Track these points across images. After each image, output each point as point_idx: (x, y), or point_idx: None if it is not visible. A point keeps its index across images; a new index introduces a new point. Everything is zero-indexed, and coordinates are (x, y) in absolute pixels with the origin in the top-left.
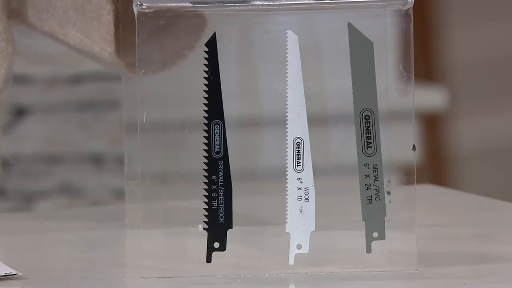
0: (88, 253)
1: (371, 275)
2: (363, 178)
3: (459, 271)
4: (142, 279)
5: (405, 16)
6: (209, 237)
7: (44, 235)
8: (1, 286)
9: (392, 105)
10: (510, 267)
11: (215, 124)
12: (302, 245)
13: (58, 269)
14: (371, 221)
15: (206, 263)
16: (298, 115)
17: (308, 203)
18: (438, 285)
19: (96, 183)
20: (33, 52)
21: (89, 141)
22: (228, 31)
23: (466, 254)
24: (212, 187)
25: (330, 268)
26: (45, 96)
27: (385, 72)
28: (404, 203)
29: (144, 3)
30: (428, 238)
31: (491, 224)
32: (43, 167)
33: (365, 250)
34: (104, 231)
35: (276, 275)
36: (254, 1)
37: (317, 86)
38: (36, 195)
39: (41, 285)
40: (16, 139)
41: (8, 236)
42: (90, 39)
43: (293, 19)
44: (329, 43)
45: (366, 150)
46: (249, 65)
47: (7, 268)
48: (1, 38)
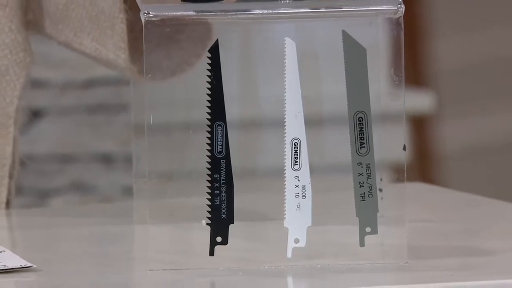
0: (99, 246)
1: (364, 267)
2: (357, 176)
3: (447, 264)
4: (149, 271)
5: (396, 24)
6: (212, 231)
7: (58, 229)
8: (17, 278)
9: (384, 108)
10: (495, 260)
11: (217, 125)
12: (299, 239)
13: (70, 261)
14: (364, 217)
15: (209, 256)
16: (295, 117)
17: (305, 200)
18: (427, 277)
19: (106, 181)
20: (47, 58)
21: (100, 142)
22: (230, 38)
23: (453, 248)
24: (215, 185)
25: (326, 261)
26: (59, 99)
27: (377, 76)
28: (395, 200)
29: (151, 12)
30: (417, 232)
31: (476, 220)
32: (57, 166)
33: (358, 244)
34: (113, 226)
35: (275, 267)
36: (254, 10)
37: (313, 89)
38: (50, 192)
39: (54, 277)
40: (32, 140)
41: (23, 231)
42: (104, 47)
43: (291, 27)
44: (324, 50)
45: (360, 150)
46: (249, 70)
47: (22, 260)
48: (20, 48)
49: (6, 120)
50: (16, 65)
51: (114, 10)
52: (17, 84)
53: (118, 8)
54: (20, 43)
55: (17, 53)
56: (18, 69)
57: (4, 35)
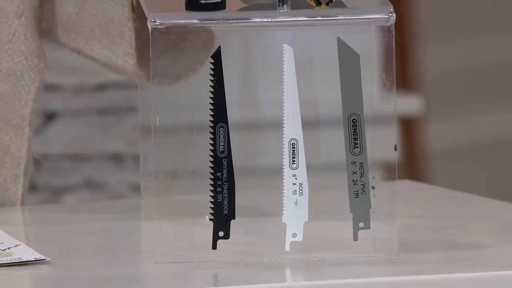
0: (108, 240)
1: (358, 260)
2: (351, 175)
3: (435, 257)
4: (156, 264)
5: (388, 32)
6: (215, 226)
7: (70, 225)
8: (31, 270)
9: (376, 110)
10: (479, 253)
11: (220, 127)
12: (297, 233)
13: (81, 255)
14: (357, 213)
15: (212, 250)
16: (293, 119)
17: (302, 196)
18: (416, 269)
19: (116, 179)
20: (61, 64)
21: (110, 142)
22: (231, 45)
23: (441, 242)
24: (217, 183)
25: (322, 254)
26: (72, 102)
27: (370, 81)
28: (387, 196)
29: (157, 20)
30: (407, 227)
31: (461, 215)
32: (70, 165)
33: (352, 238)
34: (122, 221)
35: (273, 260)
36: (254, 18)
37: (310, 93)
38: (63, 189)
39: (66, 269)
40: (46, 140)
41: (38, 226)
42: (114, 54)
43: (289, 34)
44: (320, 55)
45: (353, 150)
46: (250, 74)
47: (36, 253)
48: (34, 55)
49: (21, 122)
50: (31, 71)
51: (123, 19)
52: (32, 88)
53: (127, 17)
54: (35, 50)
55: (32, 59)
56: (33, 74)
57: (20, 42)
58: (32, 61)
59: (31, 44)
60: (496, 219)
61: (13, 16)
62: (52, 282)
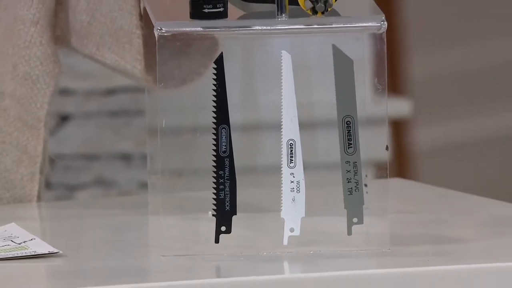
0: (118, 235)
1: (351, 253)
2: (345, 173)
3: (424, 250)
4: (162, 257)
5: (380, 39)
6: (217, 222)
7: (82, 220)
8: (45, 262)
9: (369, 113)
10: (465, 247)
11: (222, 128)
12: (294, 228)
13: (92, 248)
14: (351, 209)
15: (215, 244)
16: (291, 121)
17: (299, 193)
18: (406, 262)
19: (125, 177)
20: (74, 69)
21: (119, 142)
22: (233, 51)
23: (429, 236)
24: (219, 181)
25: (318, 248)
26: (84, 105)
27: (363, 85)
28: (379, 193)
29: (164, 28)
30: (398, 222)
31: (448, 211)
32: (82, 164)
33: (346, 233)
34: (131, 217)
35: (272, 253)
36: (255, 26)
37: (307, 96)
38: (76, 187)
39: (78, 261)
40: (60, 141)
41: (52, 221)
42: (123, 59)
43: (287, 41)
44: (316, 61)
45: (348, 149)
46: (250, 79)
47: (50, 247)
48: (50, 60)
49: (37, 123)
50: (46, 75)
51: (131, 27)
52: (47, 92)
53: (135, 25)
54: (50, 55)
55: (47, 64)
56: (48, 78)
57: (36, 48)
58: (47, 66)
59: (46, 50)
60: (480, 214)
61: (30, 23)
62: (64, 274)
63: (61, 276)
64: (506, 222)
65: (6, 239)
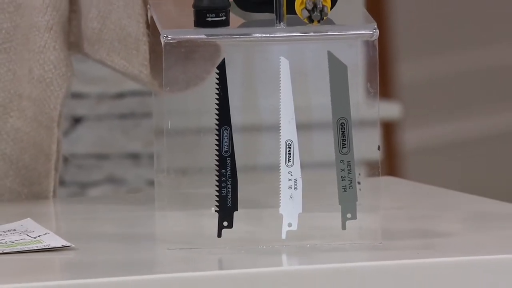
0: (126, 229)
1: (346, 247)
2: (340, 172)
3: (414, 244)
4: (168, 250)
5: (372, 46)
6: (220, 217)
7: (93, 215)
8: (58, 255)
9: (361, 115)
10: (451, 240)
11: (224, 129)
12: (292, 223)
13: (102, 241)
14: (345, 205)
15: (217, 238)
16: (289, 123)
17: (297, 191)
18: (397, 255)
19: (134, 175)
20: (86, 75)
21: (129, 143)
22: (234, 57)
23: (418, 231)
24: (222, 179)
25: (314, 242)
26: (95, 108)
27: (356, 89)
28: (371, 191)
29: (169, 35)
30: (389, 218)
31: (435, 207)
32: (94, 162)
33: (341, 227)
34: (139, 212)
35: (271, 247)
36: (255, 34)
37: (304, 100)
38: (88, 184)
39: (89, 254)
40: (73, 141)
41: (65, 216)
42: (131, 64)
43: (285, 48)
44: (313, 67)
45: (342, 149)
46: (250, 83)
47: (63, 241)
48: (63, 64)
49: (51, 123)
50: (59, 78)
51: (139, 34)
52: (60, 94)
53: (142, 33)
54: (63, 60)
55: (60, 68)
56: (61, 81)
57: (49, 53)
58: (60, 70)
59: (60, 55)
60: (465, 210)
61: (44, 29)
62: (76, 266)
63: (73, 268)
64: (489, 217)
65: (22, 233)
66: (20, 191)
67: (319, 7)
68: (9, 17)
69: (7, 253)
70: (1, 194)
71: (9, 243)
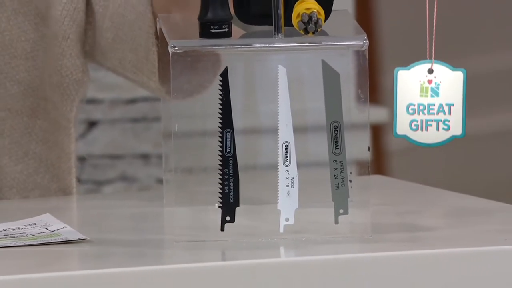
0: (138, 223)
1: (338, 240)
2: (333, 171)
3: (400, 237)
4: (175, 242)
5: (362, 55)
6: (223, 212)
7: (107, 210)
8: (74, 247)
9: (353, 119)
10: (434, 234)
11: (227, 132)
12: (289, 218)
13: (115, 234)
14: (338, 201)
15: (221, 231)
16: (286, 126)
17: (294, 188)
18: (385, 247)
19: (145, 174)
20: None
21: (140, 144)
22: (236, 65)
23: (405, 225)
24: (225, 177)
25: (309, 235)
26: (109, 112)
27: (348, 95)
28: (361, 188)
29: (177, 46)
30: (378, 213)
31: (420, 203)
32: (108, 162)
33: (334, 222)
34: (149, 208)
35: (270, 240)
36: (255, 44)
37: (300, 104)
38: (103, 182)
39: (102, 246)
40: (89, 142)
41: (81, 211)
42: (141, 72)
43: (283, 57)
44: (308, 74)
45: (335, 150)
46: (251, 89)
47: (79, 234)
48: (79, 70)
49: (68, 124)
50: (75, 83)
51: (148, 44)
52: (76, 97)
53: (151, 43)
54: (79, 66)
55: (76, 73)
56: (77, 86)
57: (66, 59)
58: (76, 75)
59: (76, 62)
60: (447, 206)
61: (61, 38)
62: (90, 257)
63: (88, 259)
64: (469, 212)
65: (42, 227)
66: (49, 186)
67: (314, 20)
68: (36, 28)
69: (28, 245)
70: (32, 189)
71: (29, 236)
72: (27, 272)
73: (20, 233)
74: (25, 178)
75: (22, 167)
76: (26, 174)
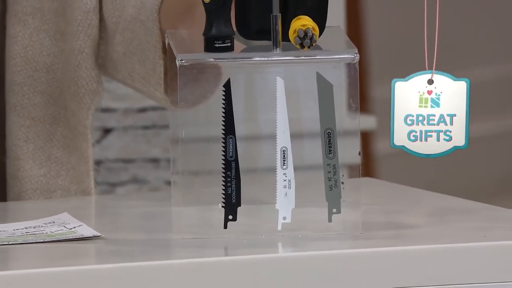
0: (148, 222)
1: (331, 236)
2: (326, 173)
3: (388, 234)
4: (182, 239)
5: (353, 68)
6: (226, 212)
7: (120, 210)
8: (89, 244)
9: (345, 126)
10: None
11: (229, 138)
12: (287, 217)
13: (127, 232)
14: (331, 201)
15: (224, 229)
16: (284, 132)
17: (291, 189)
18: (374, 243)
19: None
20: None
21: (150, 149)
22: (238, 77)
23: (391, 223)
24: (228, 179)
25: (305, 233)
26: (123, 120)
27: (340, 104)
28: (353, 189)
29: (183, 59)
30: (368, 212)
31: (405, 203)
32: (121, 166)
33: (327, 220)
34: (158, 208)
35: (269, 237)
36: (255, 57)
37: (296, 113)
38: (116, 184)
39: (115, 243)
40: (104, 148)
41: (96, 210)
42: (148, 83)
43: (281, 69)
44: (304, 85)
45: (328, 155)
46: (251, 99)
47: (94, 231)
48: (94, 81)
49: (85, 130)
50: (90, 93)
51: (156, 58)
52: (91, 106)
53: (158, 56)
54: (94, 77)
55: (91, 84)
56: (92, 95)
57: (82, 71)
58: (92, 86)
59: (91, 73)
60: (430, 205)
61: (77, 52)
62: (104, 253)
63: (101, 255)
64: (450, 211)
65: (60, 225)
66: (69, 188)
67: (309, 35)
68: (56, 43)
69: (47, 241)
70: (54, 190)
71: (49, 233)
72: (47, 266)
73: (40, 231)
74: (48, 180)
75: (45, 170)
76: (48, 177)
